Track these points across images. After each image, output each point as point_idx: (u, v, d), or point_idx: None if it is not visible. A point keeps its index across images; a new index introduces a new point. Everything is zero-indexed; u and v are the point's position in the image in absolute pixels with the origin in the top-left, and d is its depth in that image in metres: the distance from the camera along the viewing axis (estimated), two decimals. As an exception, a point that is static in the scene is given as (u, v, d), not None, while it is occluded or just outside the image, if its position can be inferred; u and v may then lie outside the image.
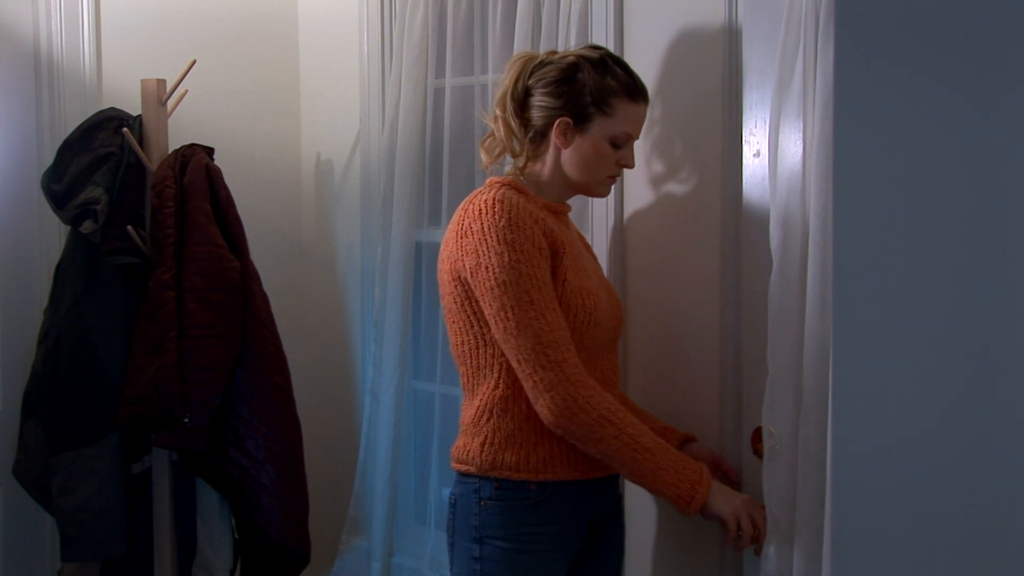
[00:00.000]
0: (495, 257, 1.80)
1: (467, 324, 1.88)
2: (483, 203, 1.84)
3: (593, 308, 1.88)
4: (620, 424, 1.79)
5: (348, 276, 3.02)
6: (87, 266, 2.46)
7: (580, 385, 1.78)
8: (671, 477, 1.79)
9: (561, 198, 1.99)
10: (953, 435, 1.40)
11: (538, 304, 1.79)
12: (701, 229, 2.08)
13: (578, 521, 1.93)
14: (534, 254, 1.81)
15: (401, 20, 2.72)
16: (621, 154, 1.93)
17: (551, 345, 1.78)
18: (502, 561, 1.87)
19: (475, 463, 1.89)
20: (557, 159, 1.94)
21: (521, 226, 1.81)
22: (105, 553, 2.48)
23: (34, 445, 2.49)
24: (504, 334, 1.80)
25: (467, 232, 1.84)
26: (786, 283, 1.73)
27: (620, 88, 1.90)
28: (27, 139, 2.61)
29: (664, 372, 2.15)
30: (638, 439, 1.80)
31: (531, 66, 1.94)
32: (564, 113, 1.90)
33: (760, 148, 1.87)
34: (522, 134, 1.95)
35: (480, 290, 1.82)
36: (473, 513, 1.89)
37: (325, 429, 2.99)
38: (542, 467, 1.87)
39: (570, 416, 1.78)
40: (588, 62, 1.90)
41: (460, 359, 1.93)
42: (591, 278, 1.95)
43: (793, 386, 1.73)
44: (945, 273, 1.39)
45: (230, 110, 2.94)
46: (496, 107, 1.98)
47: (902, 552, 1.41)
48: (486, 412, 1.89)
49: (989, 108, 1.37)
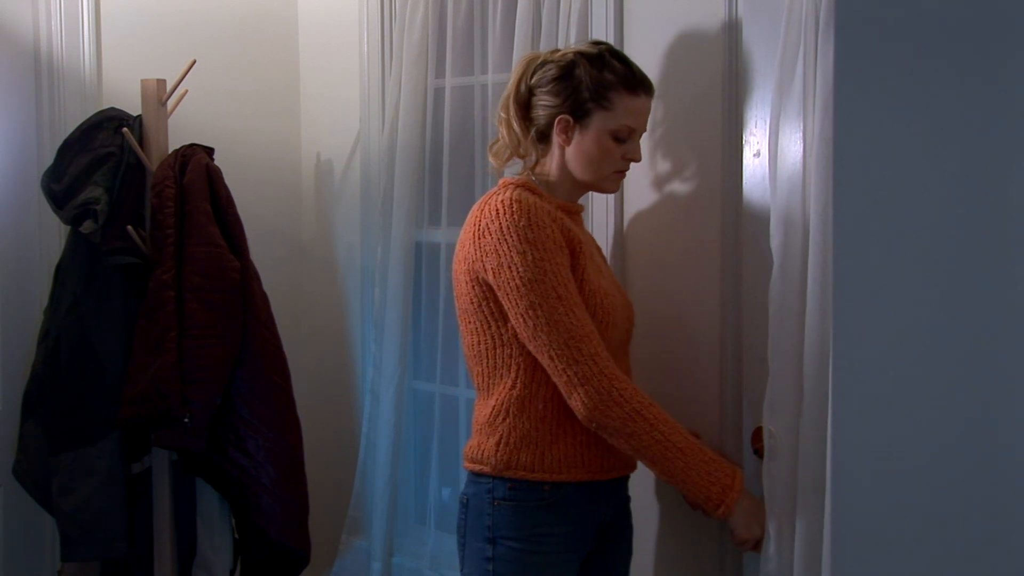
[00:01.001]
0: (517, 256, 1.80)
1: (484, 324, 1.88)
2: (500, 203, 1.84)
3: (611, 308, 1.89)
4: (652, 420, 1.79)
5: (348, 276, 3.02)
6: (87, 266, 2.46)
7: (614, 378, 1.79)
8: (702, 480, 1.79)
9: (572, 197, 1.99)
10: (953, 435, 1.40)
11: (566, 300, 1.79)
12: (701, 229, 2.07)
13: (590, 522, 1.93)
14: (556, 252, 1.81)
15: (401, 20, 2.72)
16: (626, 148, 1.93)
17: (584, 339, 1.78)
18: (514, 561, 1.87)
19: (490, 463, 1.89)
20: (562, 158, 1.94)
21: (541, 224, 1.81)
22: (105, 553, 2.48)
23: (34, 445, 2.49)
24: (534, 331, 1.80)
25: (485, 232, 1.84)
26: (786, 283, 1.73)
27: (618, 81, 1.89)
28: (27, 139, 2.61)
29: (664, 372, 2.15)
30: (669, 437, 1.79)
31: (533, 66, 1.95)
32: (563, 110, 1.90)
33: (760, 148, 1.87)
34: (527, 135, 1.95)
35: (504, 289, 1.82)
36: (486, 513, 1.89)
37: (325, 429, 2.99)
38: (556, 467, 1.86)
39: (605, 409, 1.78)
40: (585, 58, 1.90)
41: (475, 359, 1.93)
42: (606, 278, 1.96)
43: (793, 386, 1.73)
44: (945, 273, 1.39)
45: (230, 110, 2.94)
46: (500, 110, 1.99)
47: (902, 552, 1.41)
48: (502, 412, 1.89)
49: (989, 108, 1.37)
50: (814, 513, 1.67)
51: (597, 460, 1.89)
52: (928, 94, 1.37)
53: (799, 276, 1.71)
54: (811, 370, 1.67)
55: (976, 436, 1.39)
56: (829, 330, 1.45)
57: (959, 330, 1.39)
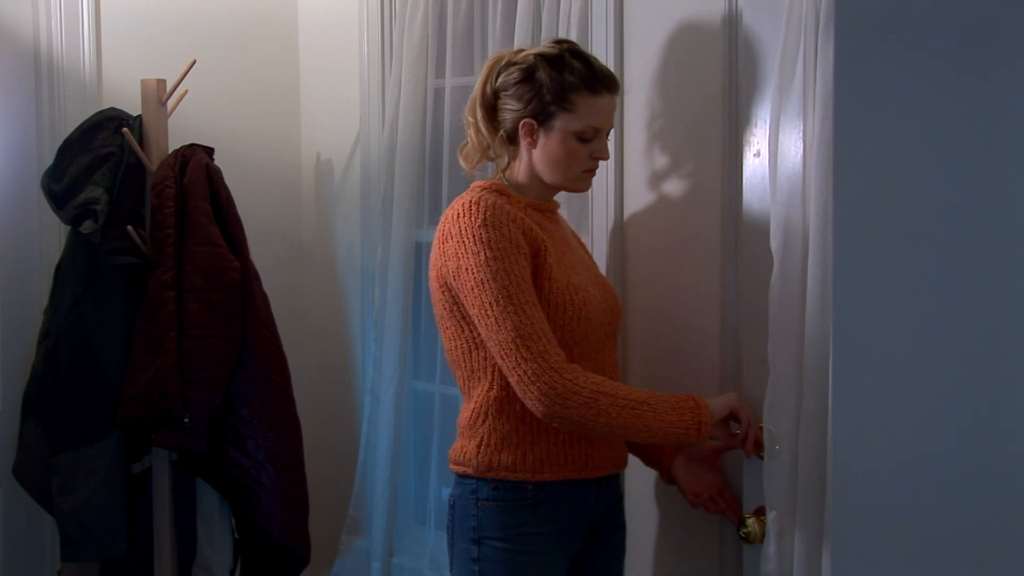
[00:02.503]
0: (472, 257, 1.80)
1: (458, 329, 1.89)
2: (461, 207, 1.85)
3: (583, 303, 1.88)
4: (610, 392, 1.79)
5: (348, 276, 3.02)
6: (87, 266, 2.46)
7: (562, 370, 1.77)
8: (674, 416, 1.79)
9: (543, 196, 1.99)
10: (953, 435, 1.40)
11: (516, 299, 1.79)
12: (701, 229, 2.07)
13: (577, 521, 1.93)
14: (511, 251, 1.81)
15: (401, 20, 2.72)
16: (592, 147, 1.92)
17: (531, 337, 1.77)
18: (500, 562, 1.87)
19: (472, 464, 1.90)
20: (530, 160, 1.94)
21: (496, 225, 1.81)
22: (105, 553, 2.48)
23: (34, 445, 2.49)
24: (486, 332, 1.81)
25: (447, 237, 1.85)
26: (786, 283, 1.73)
27: (578, 83, 1.88)
28: (27, 139, 2.61)
29: (664, 372, 2.15)
30: (630, 396, 1.79)
31: (497, 69, 1.94)
32: (526, 114, 1.90)
33: (760, 148, 1.87)
34: (495, 137, 1.95)
35: (463, 292, 1.83)
36: (471, 514, 1.90)
37: (325, 429, 2.99)
38: (538, 467, 1.87)
39: (562, 402, 1.76)
40: (545, 60, 1.89)
41: (455, 364, 1.94)
42: (580, 274, 1.95)
43: (793, 386, 1.73)
44: (945, 272, 1.39)
45: (230, 110, 2.94)
46: (467, 113, 1.99)
47: (902, 551, 1.41)
48: (481, 414, 1.89)
49: (989, 108, 1.37)
50: (814, 513, 1.66)
51: (581, 458, 1.89)
52: (928, 94, 1.37)
53: (799, 276, 1.71)
54: (811, 370, 1.67)
55: (976, 436, 1.39)
56: (829, 330, 1.45)
57: (959, 330, 1.39)
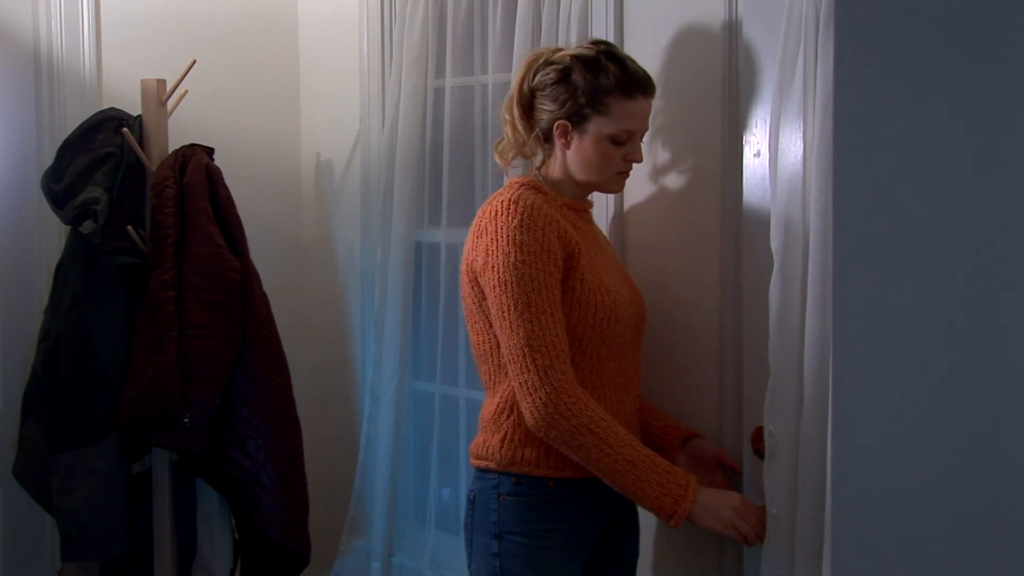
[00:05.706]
0: (501, 256, 1.81)
1: (486, 323, 1.89)
2: (500, 204, 1.85)
3: (613, 305, 1.88)
4: (601, 434, 1.78)
5: (348, 276, 3.02)
6: (87, 266, 2.46)
7: (563, 391, 1.78)
8: (653, 491, 1.77)
9: (577, 195, 1.99)
10: (953, 435, 1.40)
11: (535, 306, 1.79)
12: (701, 229, 2.08)
13: (595, 520, 1.93)
14: (541, 256, 1.81)
15: (401, 20, 2.72)
16: (626, 150, 1.92)
17: (540, 349, 1.78)
18: (521, 557, 1.87)
19: (495, 459, 1.89)
20: (564, 160, 1.95)
21: (533, 228, 1.81)
22: (105, 553, 2.48)
23: (34, 445, 2.49)
24: (500, 333, 1.82)
25: (482, 232, 1.86)
26: (786, 283, 1.73)
27: (614, 86, 1.88)
28: (27, 139, 2.61)
29: (665, 372, 2.15)
30: (620, 451, 1.78)
31: (535, 67, 1.95)
32: (561, 116, 1.90)
33: (760, 148, 1.87)
34: (531, 135, 1.95)
35: (487, 288, 1.84)
36: (492, 509, 1.90)
37: (325, 429, 2.99)
38: (560, 464, 1.86)
39: (550, 421, 1.78)
40: (581, 61, 1.89)
41: (481, 357, 1.94)
42: (611, 275, 1.95)
43: (794, 386, 1.73)
44: (945, 272, 1.39)
45: (230, 110, 2.94)
46: (504, 111, 1.99)
47: (902, 552, 1.41)
48: (506, 409, 1.89)
49: (989, 108, 1.37)
50: (814, 513, 1.67)
51: None
52: (928, 94, 1.37)
53: (799, 276, 1.72)
54: (811, 370, 1.67)
55: (976, 436, 1.39)
56: (829, 330, 1.45)
57: (959, 330, 1.39)
